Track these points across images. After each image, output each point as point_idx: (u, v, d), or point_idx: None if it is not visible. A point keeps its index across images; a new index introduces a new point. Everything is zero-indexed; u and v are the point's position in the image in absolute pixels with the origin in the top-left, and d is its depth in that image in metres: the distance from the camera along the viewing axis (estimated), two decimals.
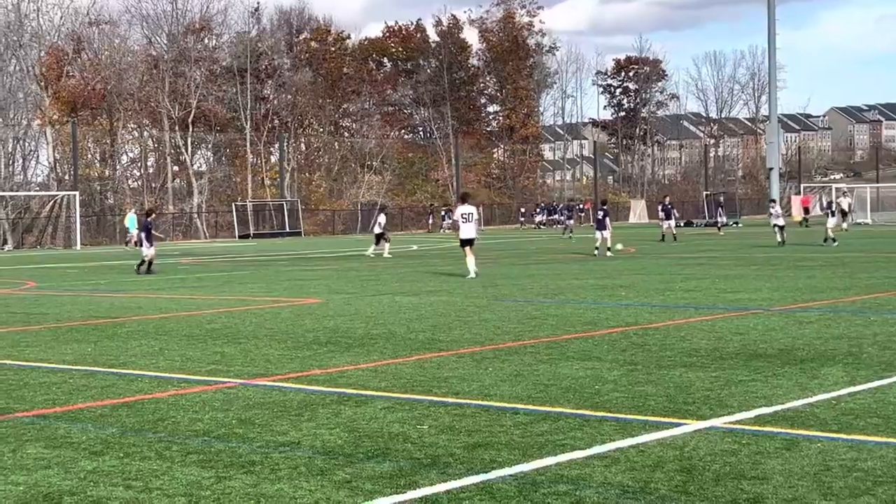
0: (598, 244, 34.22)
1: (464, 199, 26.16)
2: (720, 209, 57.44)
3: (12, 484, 6.69)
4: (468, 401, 9.13)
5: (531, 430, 7.93)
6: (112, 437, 8.02)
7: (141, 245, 30.34)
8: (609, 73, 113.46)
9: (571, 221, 58.76)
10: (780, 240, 37.91)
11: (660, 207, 48.28)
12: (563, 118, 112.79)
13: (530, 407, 8.80)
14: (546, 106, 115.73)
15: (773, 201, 46.28)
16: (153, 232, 30.24)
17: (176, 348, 13.07)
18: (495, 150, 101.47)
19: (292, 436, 7.92)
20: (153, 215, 32.18)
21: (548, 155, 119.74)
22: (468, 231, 24.53)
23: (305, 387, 10.08)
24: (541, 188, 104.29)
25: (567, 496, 6.15)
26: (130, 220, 52.25)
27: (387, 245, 37.16)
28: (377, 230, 38.59)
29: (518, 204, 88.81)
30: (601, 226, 34.36)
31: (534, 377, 10.27)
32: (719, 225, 54.67)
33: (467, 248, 24.49)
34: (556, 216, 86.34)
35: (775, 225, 38.96)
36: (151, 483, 6.65)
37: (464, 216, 24.69)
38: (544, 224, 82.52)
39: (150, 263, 29.32)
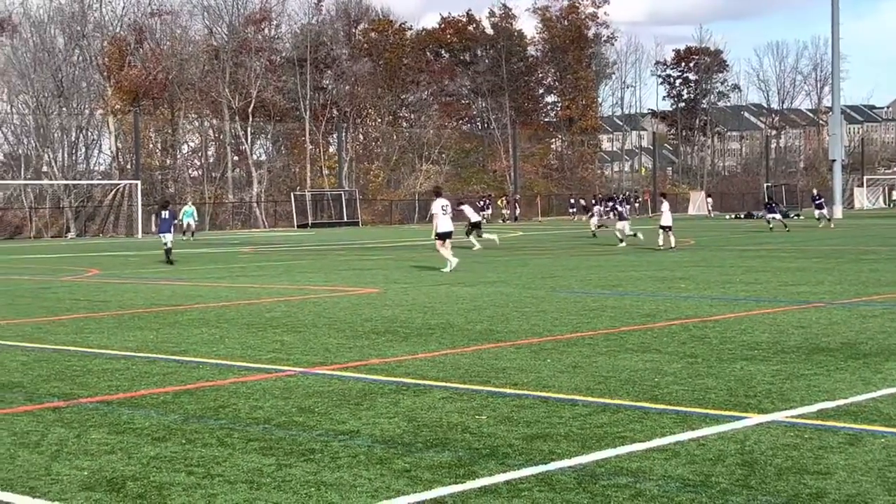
0: (619, 234, 36.17)
1: (438, 192, 26.94)
2: (772, 202, 55.58)
3: (77, 469, 6.79)
4: (526, 392, 9.12)
5: (590, 421, 7.91)
6: (174, 423, 8.11)
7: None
8: (669, 64, 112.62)
9: (593, 218, 55.08)
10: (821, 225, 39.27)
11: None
12: (622, 109, 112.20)
13: (589, 399, 8.77)
14: (605, 96, 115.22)
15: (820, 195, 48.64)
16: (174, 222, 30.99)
17: (236, 336, 13.18)
18: (553, 140, 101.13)
19: (352, 424, 7.96)
20: (170, 206, 32.59)
21: (606, 146, 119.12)
22: (446, 224, 24.74)
23: (364, 376, 10.12)
24: (599, 179, 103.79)
25: (627, 489, 6.13)
26: (186, 213, 52.59)
27: (474, 238, 36.16)
28: (475, 218, 37.58)
29: (576, 195, 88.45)
30: (622, 217, 37.03)
31: (592, 369, 10.23)
32: (767, 218, 52.72)
33: (447, 241, 24.60)
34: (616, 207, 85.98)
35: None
36: (213, 469, 6.71)
37: (443, 208, 25.03)
38: (602, 216, 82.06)
39: (168, 252, 29.81)
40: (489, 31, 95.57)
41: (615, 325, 13.59)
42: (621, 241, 35.94)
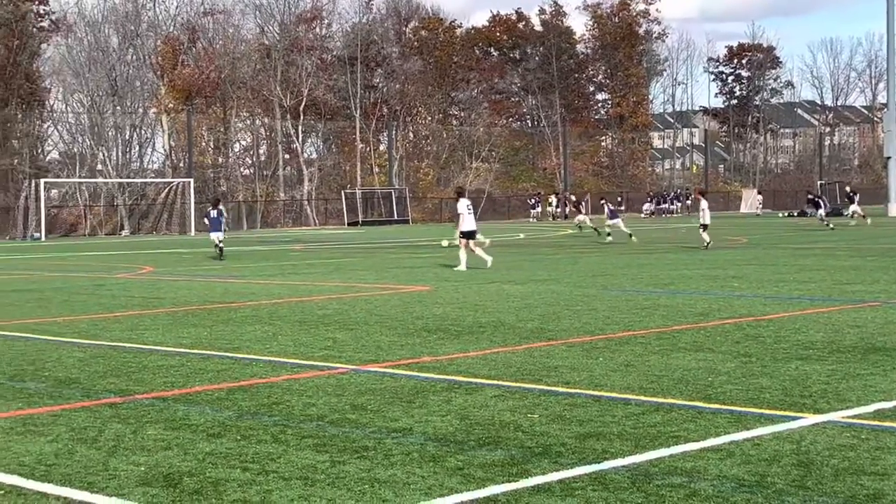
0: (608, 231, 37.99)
1: (461, 193, 27.43)
2: (821, 199, 54.37)
3: (134, 464, 6.87)
4: (579, 390, 9.10)
5: (643, 420, 7.88)
6: (229, 419, 8.18)
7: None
8: (721, 61, 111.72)
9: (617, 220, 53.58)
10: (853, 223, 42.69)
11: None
12: (674, 106, 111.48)
13: (642, 398, 8.73)
14: (656, 94, 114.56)
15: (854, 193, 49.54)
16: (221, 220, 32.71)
17: (289, 333, 13.27)
18: (604, 138, 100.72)
19: (404, 422, 7.98)
20: (220, 204, 33.92)
21: (657, 143, 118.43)
22: (469, 223, 25.22)
23: (416, 374, 10.14)
24: (650, 177, 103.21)
25: (681, 488, 6.10)
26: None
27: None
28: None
29: (626, 193, 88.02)
30: (613, 215, 38.80)
31: (645, 368, 10.19)
32: (819, 216, 51.44)
33: (469, 241, 24.93)
34: (666, 205, 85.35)
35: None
36: (268, 466, 6.77)
37: (468, 208, 25.53)
38: (653, 213, 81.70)
39: (220, 249, 31.49)
40: (538, 28, 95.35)
41: (667, 324, 13.51)
42: (608, 234, 38.02)
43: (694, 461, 6.67)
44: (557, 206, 78.64)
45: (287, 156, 77.49)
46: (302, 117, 75.30)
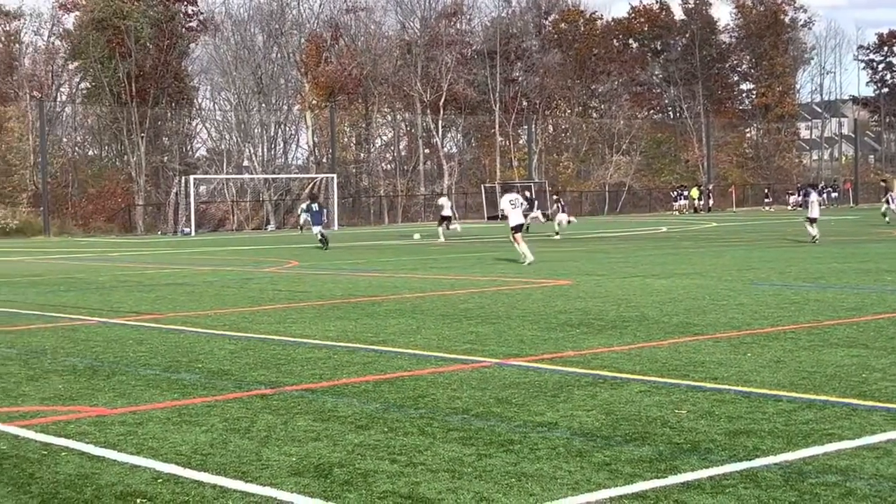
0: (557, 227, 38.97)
1: (507, 189, 27.60)
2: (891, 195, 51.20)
3: (285, 454, 7.01)
4: (727, 386, 8.95)
5: (795, 417, 7.70)
6: (376, 412, 8.29)
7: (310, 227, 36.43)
8: (871, 48, 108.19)
9: (535, 212, 51.58)
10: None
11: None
12: (821, 95, 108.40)
13: (793, 394, 8.54)
14: (803, 83, 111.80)
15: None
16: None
17: (432, 327, 13.37)
18: (748, 129, 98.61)
19: (549, 416, 7.97)
20: (318, 199, 38.74)
21: (804, 134, 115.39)
22: (516, 217, 25.31)
23: (560, 368, 10.11)
24: (796, 168, 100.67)
25: (836, 487, 5.95)
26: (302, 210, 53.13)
27: (441, 230, 39.72)
28: (446, 213, 41.69)
29: (772, 185, 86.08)
30: (562, 210, 39.83)
31: (795, 364, 9.96)
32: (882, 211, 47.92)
33: (517, 235, 25.04)
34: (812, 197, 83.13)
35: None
36: (415, 458, 6.83)
37: (511, 202, 25.62)
38: (800, 206, 79.66)
39: (323, 238, 35.15)
40: (680, 18, 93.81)
41: (818, 319, 13.18)
42: (557, 233, 38.89)
43: (849, 459, 6.50)
44: (700, 199, 77.37)
45: (427, 150, 78.02)
46: (442, 112, 75.69)
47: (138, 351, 11.84)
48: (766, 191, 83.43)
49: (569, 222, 40.70)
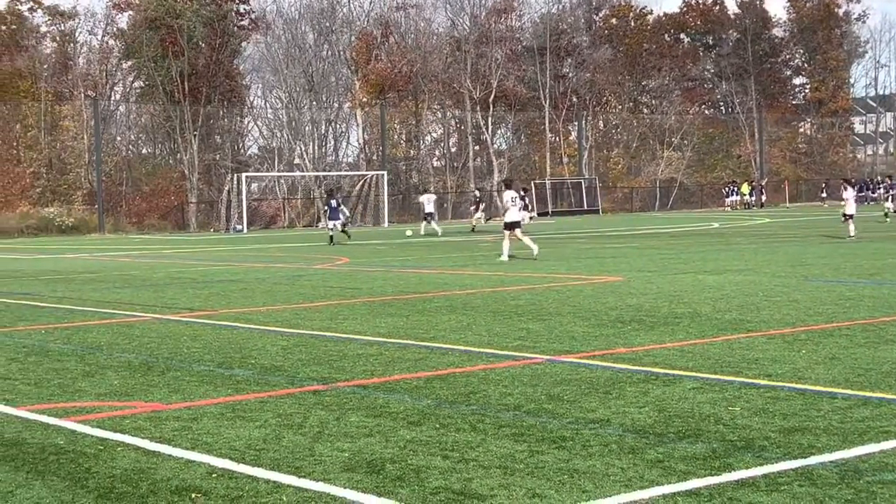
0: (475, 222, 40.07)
1: (508, 185, 28.56)
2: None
3: (338, 450, 7.05)
4: (781, 383, 8.88)
5: (850, 415, 7.62)
6: (428, 408, 8.31)
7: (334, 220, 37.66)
8: None
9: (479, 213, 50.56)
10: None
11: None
12: (876, 89, 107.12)
13: (848, 391, 8.45)
14: (857, 77, 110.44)
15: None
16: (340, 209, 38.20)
17: (483, 324, 13.37)
18: (801, 123, 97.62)
19: (601, 413, 7.95)
20: (336, 195, 40.13)
21: (858, 128, 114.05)
22: (513, 214, 26.03)
23: (611, 364, 10.08)
24: (850, 163, 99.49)
25: (893, 485, 5.88)
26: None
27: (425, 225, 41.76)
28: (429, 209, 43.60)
29: (828, 180, 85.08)
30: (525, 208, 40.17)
31: (851, 360, 9.85)
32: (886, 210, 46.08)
33: (517, 231, 25.73)
34: (868, 192, 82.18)
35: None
36: (467, 454, 6.84)
37: (512, 200, 26.42)
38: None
39: (345, 232, 37.08)
40: (732, 12, 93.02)
41: (874, 316, 13.03)
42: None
43: None
44: (752, 195, 76.68)
45: (477, 147, 78.01)
46: (492, 108, 75.64)
47: (192, 347, 11.95)
48: (822, 185, 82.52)
49: (531, 218, 42.20)
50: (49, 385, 9.79)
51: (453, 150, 79.34)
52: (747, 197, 76.79)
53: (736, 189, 76.62)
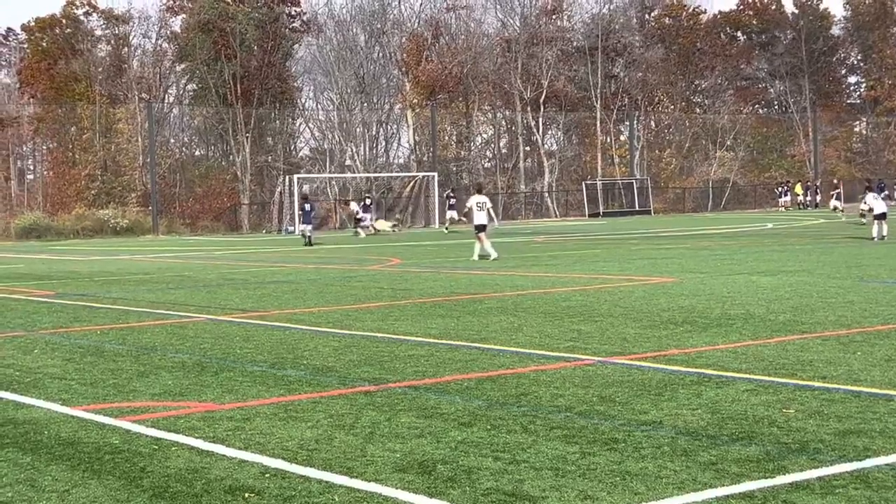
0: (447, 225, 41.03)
1: (478, 189, 29.90)
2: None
3: (389, 451, 7.07)
4: (836, 385, 8.78)
5: None
6: (479, 409, 8.31)
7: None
8: None
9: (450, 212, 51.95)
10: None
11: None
12: None
13: None
14: None
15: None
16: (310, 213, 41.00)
17: (534, 325, 13.35)
18: (857, 123, 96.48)
19: (653, 415, 7.91)
20: (310, 200, 43.15)
21: None
22: (481, 218, 27.07)
23: (664, 366, 10.02)
24: None
25: None
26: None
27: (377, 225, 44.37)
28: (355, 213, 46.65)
29: (884, 181, 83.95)
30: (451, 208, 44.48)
31: None
32: (834, 207, 45.23)
33: (481, 235, 26.78)
34: None
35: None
36: (518, 455, 6.84)
37: (478, 205, 27.31)
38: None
39: (310, 238, 39.21)
40: (788, 10, 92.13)
41: None
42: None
43: None
44: (806, 195, 75.88)
45: (527, 148, 77.89)
46: (542, 109, 75.49)
47: (245, 348, 12.04)
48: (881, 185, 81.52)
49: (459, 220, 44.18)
50: (104, 385, 9.90)
51: (504, 151, 79.27)
52: (801, 197, 76.02)
53: (789, 189, 75.83)
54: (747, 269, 21.13)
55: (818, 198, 76.54)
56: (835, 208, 53.20)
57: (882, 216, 30.38)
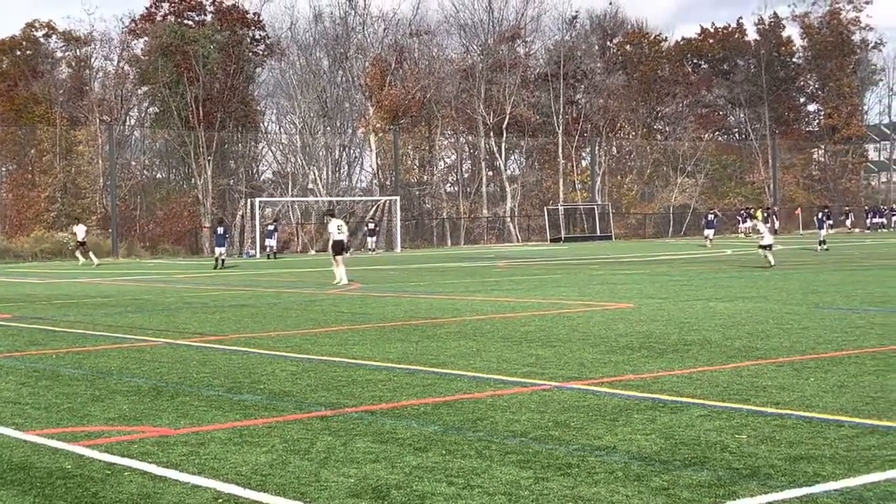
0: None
1: (332, 213, 34.25)
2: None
3: (344, 476, 7.07)
4: (789, 411, 8.87)
5: (857, 443, 7.61)
6: (434, 434, 8.33)
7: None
8: None
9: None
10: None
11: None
12: (890, 117, 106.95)
13: (856, 420, 8.44)
14: (871, 104, 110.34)
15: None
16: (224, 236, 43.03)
17: (492, 350, 13.39)
18: (815, 150, 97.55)
19: (608, 440, 7.95)
20: (224, 223, 46.06)
21: (872, 156, 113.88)
22: (340, 241, 28.68)
23: (619, 391, 10.08)
24: (864, 191, 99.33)
25: None
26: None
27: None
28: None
29: (844, 208, 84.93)
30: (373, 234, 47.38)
31: (859, 389, 9.84)
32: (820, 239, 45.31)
33: (339, 258, 28.41)
34: (881, 219, 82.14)
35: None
36: (472, 480, 6.86)
37: (339, 228, 28.91)
38: (868, 228, 78.85)
39: (223, 261, 41.45)
40: (751, 39, 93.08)
41: (883, 344, 13.00)
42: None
43: None
44: (766, 221, 76.59)
45: (490, 173, 78.17)
46: (504, 134, 75.84)
47: (202, 372, 12.00)
48: (845, 209, 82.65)
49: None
50: (58, 410, 9.83)
51: (466, 175, 79.47)
52: (746, 223, 76.70)
53: (750, 215, 76.47)
54: (705, 296, 21.30)
55: (777, 224, 77.22)
56: (707, 237, 54.61)
57: (768, 247, 31.55)
